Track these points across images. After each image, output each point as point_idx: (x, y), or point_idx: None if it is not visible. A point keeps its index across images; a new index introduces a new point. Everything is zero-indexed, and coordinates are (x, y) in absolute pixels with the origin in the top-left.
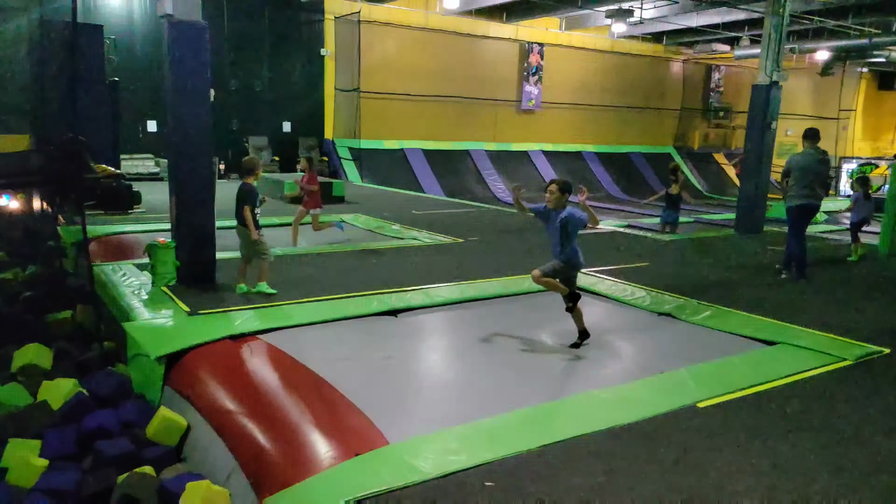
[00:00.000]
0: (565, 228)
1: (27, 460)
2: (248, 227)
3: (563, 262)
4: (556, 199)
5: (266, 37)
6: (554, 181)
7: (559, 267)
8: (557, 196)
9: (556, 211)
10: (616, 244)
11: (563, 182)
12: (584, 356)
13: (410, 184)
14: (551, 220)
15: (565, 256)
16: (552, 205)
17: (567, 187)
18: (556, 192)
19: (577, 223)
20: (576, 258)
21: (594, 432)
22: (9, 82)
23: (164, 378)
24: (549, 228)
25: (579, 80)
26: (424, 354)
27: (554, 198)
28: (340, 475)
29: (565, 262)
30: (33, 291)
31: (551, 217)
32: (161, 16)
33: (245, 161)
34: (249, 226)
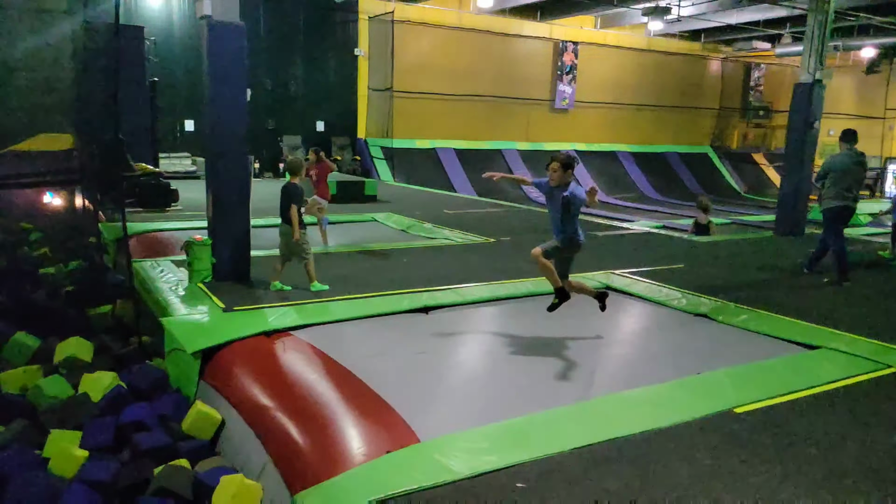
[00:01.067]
0: (568, 207)
1: (68, 451)
2: (293, 227)
3: (564, 241)
4: (559, 176)
5: (301, 37)
6: (555, 157)
7: (560, 245)
8: (560, 173)
9: (559, 188)
10: (651, 245)
11: (565, 158)
12: (618, 356)
13: (442, 183)
14: (554, 197)
15: (566, 235)
16: (555, 182)
17: (570, 163)
18: (558, 170)
19: (579, 203)
20: (577, 237)
21: (628, 435)
22: (54, 83)
23: (199, 373)
24: (550, 205)
25: (614, 79)
26: (455, 352)
27: (557, 175)
28: (371, 473)
29: (566, 240)
30: (75, 286)
31: (554, 194)
32: (200, 17)
33: (291, 161)
34: (294, 225)
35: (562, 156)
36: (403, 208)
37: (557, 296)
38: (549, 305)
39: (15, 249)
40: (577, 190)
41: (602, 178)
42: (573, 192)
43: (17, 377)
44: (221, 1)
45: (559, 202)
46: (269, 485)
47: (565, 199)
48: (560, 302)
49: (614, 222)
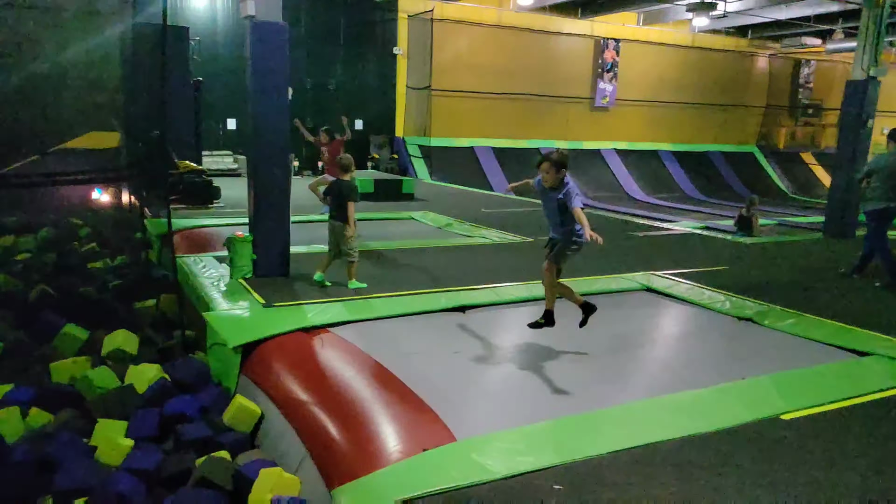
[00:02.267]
0: (564, 207)
1: (115, 440)
2: (350, 223)
3: (567, 240)
4: (552, 177)
5: (341, 36)
6: (547, 158)
7: (564, 245)
8: (553, 174)
9: (554, 190)
10: (693, 246)
11: (557, 158)
12: (658, 360)
13: (479, 182)
14: (549, 198)
15: (567, 229)
16: (548, 183)
17: (561, 164)
18: (550, 171)
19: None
20: (579, 233)
21: (669, 440)
22: (103, 83)
23: (240, 367)
24: (545, 206)
25: (656, 77)
26: (492, 352)
27: (549, 176)
28: (409, 470)
29: (569, 239)
30: (121, 280)
31: (548, 195)
32: (244, 17)
33: (343, 159)
34: (351, 222)
35: (555, 154)
36: (441, 207)
37: (546, 318)
38: (533, 322)
39: (65, 244)
40: (574, 190)
41: (643, 178)
42: (569, 192)
43: (66, 368)
44: (265, 1)
45: (554, 203)
46: (306, 478)
47: (560, 201)
48: (545, 325)
49: (655, 222)
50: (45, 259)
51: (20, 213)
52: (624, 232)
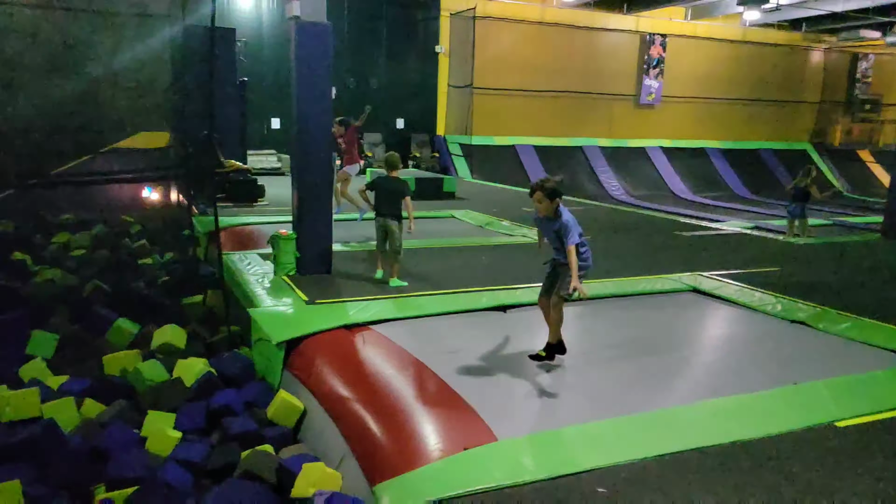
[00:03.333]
0: (561, 237)
1: (164, 431)
2: (410, 218)
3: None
4: (545, 207)
5: (383, 35)
6: (539, 187)
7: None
8: (546, 204)
9: (550, 220)
10: (742, 247)
11: (550, 188)
12: (705, 363)
13: (521, 180)
14: (546, 226)
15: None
16: (542, 213)
17: (555, 192)
18: (543, 200)
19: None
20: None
21: (718, 445)
22: (154, 84)
23: (283, 362)
24: (545, 233)
25: (704, 73)
26: (534, 351)
27: (543, 206)
28: (450, 468)
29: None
30: (170, 276)
31: (545, 225)
32: (290, 18)
33: (392, 157)
34: (411, 216)
35: (548, 183)
36: (481, 205)
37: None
38: (534, 355)
39: (117, 241)
40: (570, 222)
41: (689, 176)
42: (565, 223)
43: (118, 360)
44: (310, 2)
45: (552, 233)
46: (347, 474)
47: (557, 231)
48: (547, 358)
49: (702, 222)
50: (98, 255)
51: (75, 210)
52: (670, 231)
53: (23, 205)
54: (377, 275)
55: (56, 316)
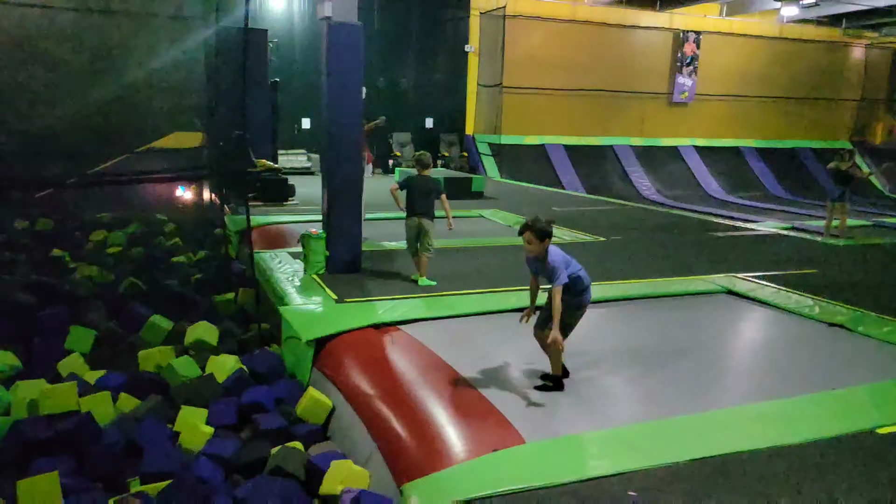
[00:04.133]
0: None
1: (196, 427)
2: (449, 217)
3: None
4: (535, 248)
5: (413, 34)
6: (528, 228)
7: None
8: (537, 245)
9: (541, 261)
10: (778, 247)
11: (539, 228)
12: (740, 367)
13: (550, 180)
14: (538, 267)
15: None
16: (532, 254)
17: (545, 233)
18: (533, 241)
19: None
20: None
21: (753, 450)
22: (188, 85)
23: (312, 360)
24: (539, 272)
25: (739, 70)
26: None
27: (533, 248)
28: (479, 469)
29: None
30: (203, 274)
31: (537, 266)
32: (321, 18)
33: (424, 155)
34: (450, 215)
35: (538, 224)
36: (510, 205)
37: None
38: (541, 385)
39: (152, 239)
40: (559, 264)
41: (723, 175)
42: (552, 269)
43: (152, 356)
44: (342, 2)
45: (546, 275)
46: (375, 472)
47: (549, 272)
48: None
49: (736, 222)
50: (133, 253)
51: (112, 209)
52: (703, 232)
53: (62, 203)
54: (414, 277)
55: (93, 312)
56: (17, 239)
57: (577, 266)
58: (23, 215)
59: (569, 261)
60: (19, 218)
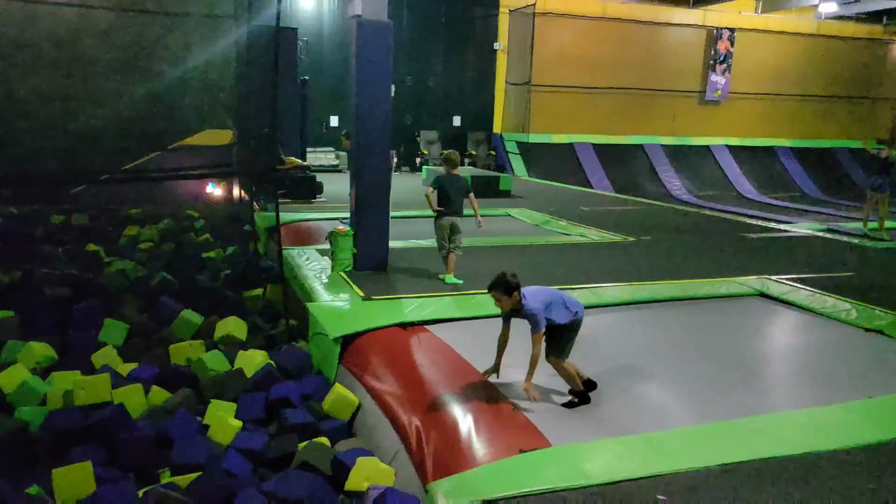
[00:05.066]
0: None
1: (225, 420)
2: (477, 215)
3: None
4: (506, 303)
5: (441, 32)
6: (493, 287)
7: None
8: (506, 301)
9: (517, 310)
10: (813, 250)
11: (503, 283)
12: (773, 373)
13: (578, 179)
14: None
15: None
16: (506, 310)
17: (511, 286)
18: (503, 298)
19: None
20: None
21: (787, 457)
22: (219, 83)
23: (339, 357)
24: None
25: (774, 68)
26: (590, 356)
27: (504, 304)
28: (504, 469)
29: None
30: (232, 270)
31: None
32: (351, 16)
33: (453, 154)
34: (478, 213)
35: (502, 280)
36: (538, 204)
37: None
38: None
39: (183, 235)
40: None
41: (756, 175)
42: (529, 307)
43: (183, 350)
44: (371, 0)
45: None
46: (401, 470)
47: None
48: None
49: (770, 223)
50: (165, 248)
51: (144, 205)
52: (735, 233)
53: (96, 199)
54: (444, 276)
55: (126, 305)
56: (54, 233)
57: (562, 298)
58: (59, 210)
59: (549, 300)
60: (56, 213)
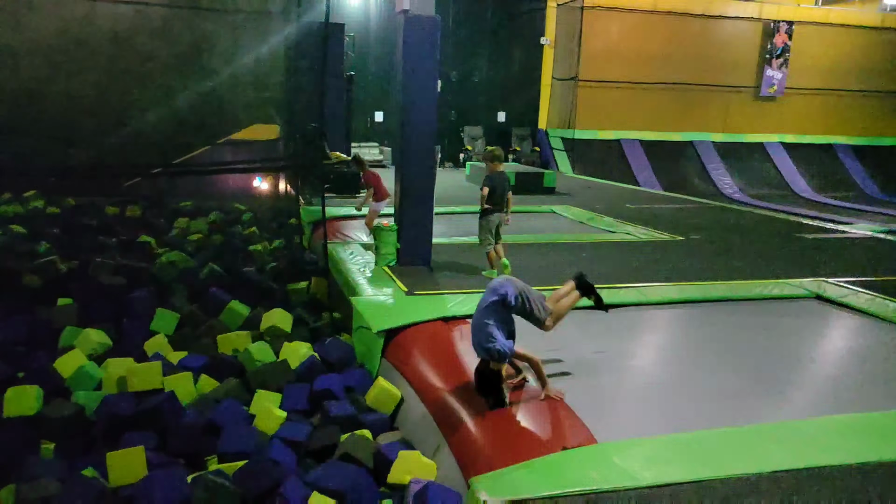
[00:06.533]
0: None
1: (271, 410)
2: (509, 209)
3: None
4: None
5: (487, 27)
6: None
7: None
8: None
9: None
10: (874, 252)
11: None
12: (828, 376)
13: (625, 176)
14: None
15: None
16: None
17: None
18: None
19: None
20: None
21: (840, 465)
22: (268, 78)
23: (382, 351)
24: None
25: (834, 62)
26: (637, 354)
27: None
28: (548, 467)
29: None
30: (277, 263)
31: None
32: (399, 12)
33: (499, 151)
34: (510, 209)
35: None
36: (583, 201)
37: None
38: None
39: (230, 228)
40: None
41: (813, 174)
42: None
43: (230, 340)
44: None
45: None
46: (443, 464)
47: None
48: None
49: (828, 224)
50: (213, 240)
51: (194, 198)
52: (790, 233)
53: (148, 191)
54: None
55: (176, 295)
56: (109, 224)
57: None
58: (114, 202)
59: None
60: (111, 205)
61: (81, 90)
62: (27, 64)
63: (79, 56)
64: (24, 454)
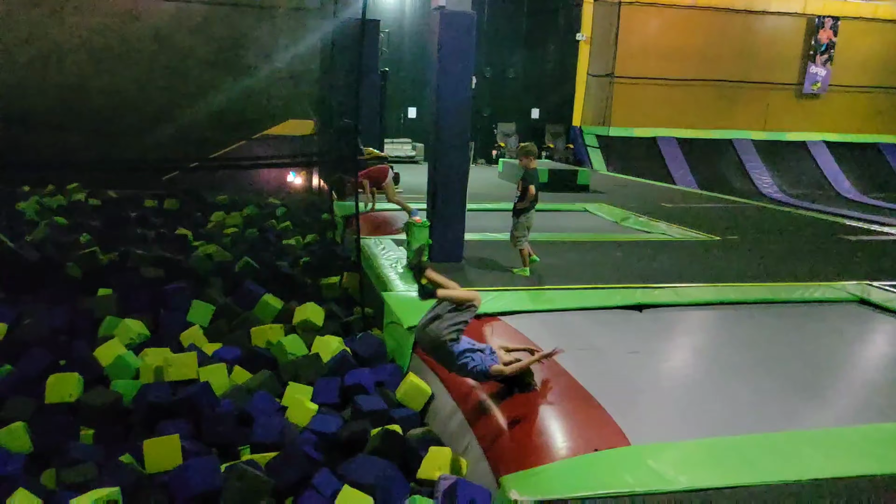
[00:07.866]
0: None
1: (303, 403)
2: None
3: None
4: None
5: (522, 23)
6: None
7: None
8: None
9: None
10: None
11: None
12: (871, 382)
13: (660, 174)
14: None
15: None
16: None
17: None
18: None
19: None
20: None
21: (885, 475)
22: (305, 74)
23: (413, 346)
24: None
25: (883, 59)
26: (671, 355)
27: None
28: (580, 467)
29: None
30: (310, 257)
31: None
32: (435, 8)
33: (532, 146)
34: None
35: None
36: (617, 199)
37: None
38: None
39: (265, 222)
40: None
41: (858, 174)
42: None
43: (263, 333)
44: None
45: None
46: (473, 462)
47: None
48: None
49: (872, 225)
50: (248, 234)
51: (229, 191)
52: (832, 235)
53: (186, 185)
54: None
55: (211, 288)
56: (147, 217)
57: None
58: (152, 195)
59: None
60: (149, 197)
61: (123, 86)
62: (71, 60)
63: (121, 52)
64: (64, 440)
